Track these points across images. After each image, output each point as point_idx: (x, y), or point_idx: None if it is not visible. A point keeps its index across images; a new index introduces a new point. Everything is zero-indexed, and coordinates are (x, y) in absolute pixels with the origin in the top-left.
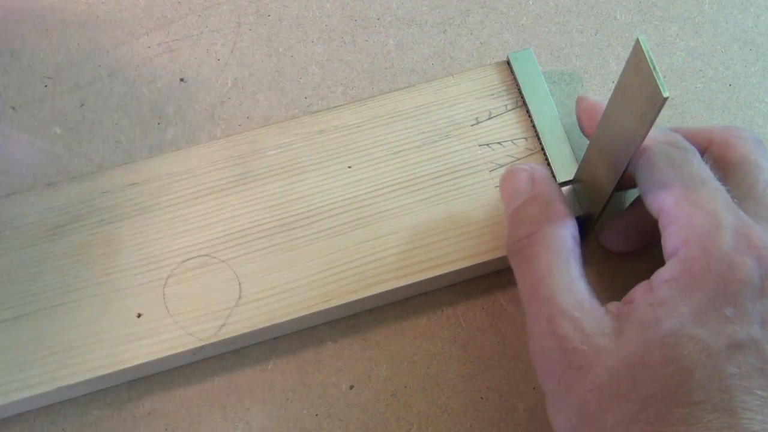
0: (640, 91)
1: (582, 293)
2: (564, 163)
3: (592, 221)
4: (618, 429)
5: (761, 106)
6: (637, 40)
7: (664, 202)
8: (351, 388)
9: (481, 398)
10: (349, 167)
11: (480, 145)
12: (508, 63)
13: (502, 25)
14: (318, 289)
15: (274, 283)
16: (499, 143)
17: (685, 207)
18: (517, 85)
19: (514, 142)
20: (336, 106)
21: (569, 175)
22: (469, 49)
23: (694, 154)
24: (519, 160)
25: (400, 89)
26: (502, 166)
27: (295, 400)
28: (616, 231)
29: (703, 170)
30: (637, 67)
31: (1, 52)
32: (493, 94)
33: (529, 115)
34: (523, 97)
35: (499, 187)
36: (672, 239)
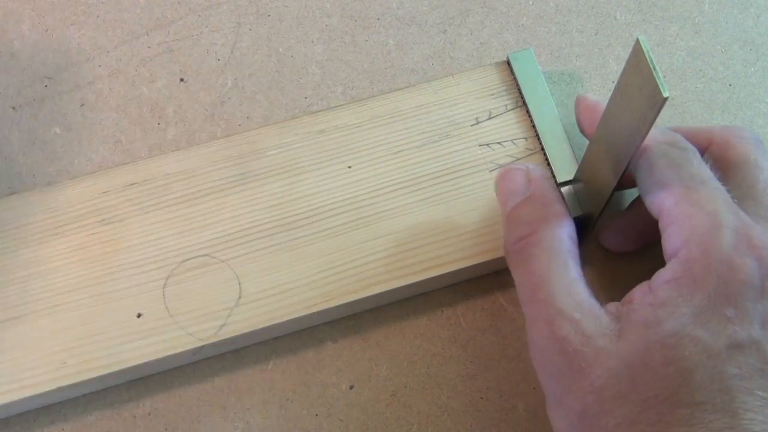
0: (640, 91)
1: (581, 294)
2: (564, 163)
3: (592, 221)
4: (619, 430)
5: (761, 106)
6: (637, 40)
7: (664, 203)
8: (351, 388)
9: (481, 398)
10: (349, 167)
11: (480, 145)
12: (508, 63)
13: (502, 25)
14: (318, 289)
15: (274, 283)
16: (499, 143)
17: (686, 207)
18: (517, 85)
19: (514, 142)
20: (336, 106)
21: (569, 175)
22: (469, 49)
23: (694, 154)
24: (519, 160)
25: (400, 89)
26: (502, 166)
27: (295, 400)
28: (616, 231)
29: (703, 170)
30: (637, 67)
31: (1, 52)
32: (493, 94)
33: (529, 115)
34: (523, 97)
35: (495, 187)
36: (672, 240)
